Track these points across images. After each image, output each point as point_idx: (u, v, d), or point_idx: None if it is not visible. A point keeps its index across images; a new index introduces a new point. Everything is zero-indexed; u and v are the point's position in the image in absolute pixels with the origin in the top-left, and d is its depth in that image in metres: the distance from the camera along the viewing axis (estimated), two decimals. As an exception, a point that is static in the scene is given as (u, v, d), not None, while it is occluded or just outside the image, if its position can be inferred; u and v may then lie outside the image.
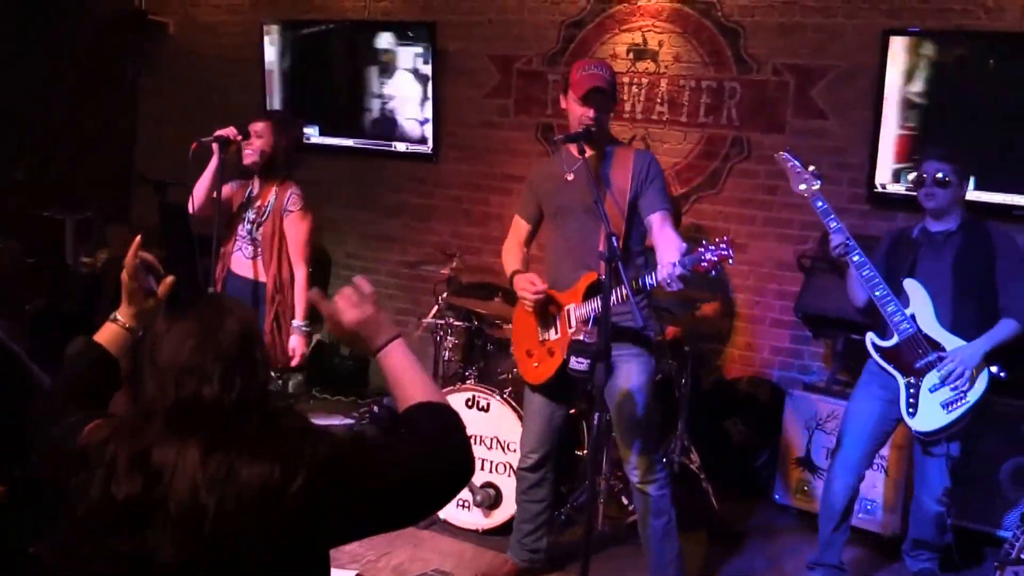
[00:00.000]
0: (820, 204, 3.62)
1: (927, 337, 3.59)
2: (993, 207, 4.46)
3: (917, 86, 4.61)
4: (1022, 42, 4.38)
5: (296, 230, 4.09)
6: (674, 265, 3.09)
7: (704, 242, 3.09)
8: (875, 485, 4.40)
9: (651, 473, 3.51)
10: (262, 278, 4.12)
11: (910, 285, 3.66)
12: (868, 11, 4.77)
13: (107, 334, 2.00)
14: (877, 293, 3.60)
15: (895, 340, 3.63)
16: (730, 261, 3.07)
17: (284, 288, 4.10)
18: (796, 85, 4.97)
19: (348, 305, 1.85)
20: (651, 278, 3.18)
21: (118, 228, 6.40)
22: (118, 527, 1.56)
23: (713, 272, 3.09)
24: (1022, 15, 4.45)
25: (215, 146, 4.00)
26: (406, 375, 1.85)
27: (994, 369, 3.52)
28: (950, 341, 3.57)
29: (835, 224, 3.60)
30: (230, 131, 4.02)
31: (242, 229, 4.14)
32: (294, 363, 4.13)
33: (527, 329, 3.68)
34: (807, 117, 4.96)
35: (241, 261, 4.16)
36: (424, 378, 1.87)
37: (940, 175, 3.60)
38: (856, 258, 3.59)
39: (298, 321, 4.08)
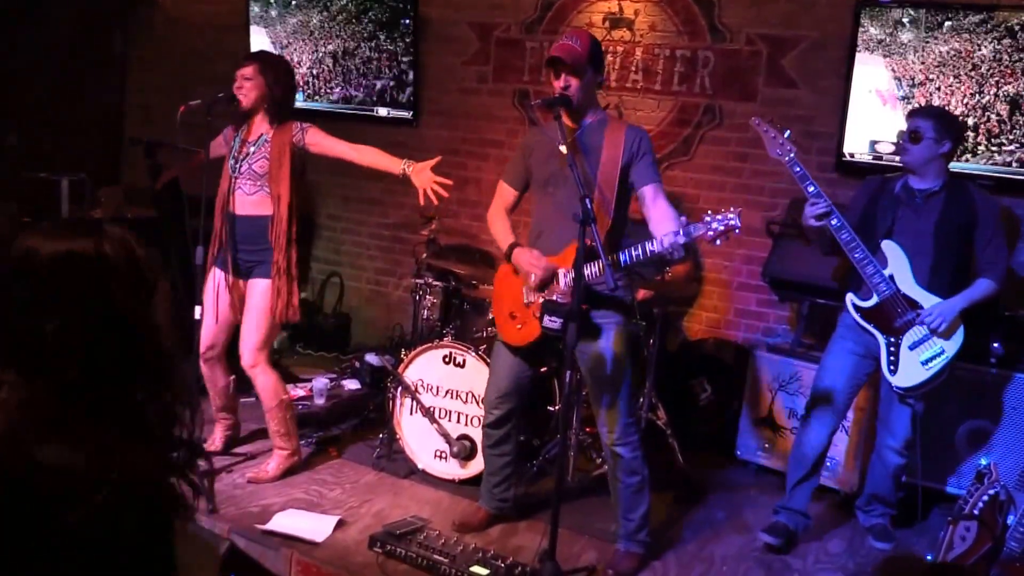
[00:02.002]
0: (798, 169, 3.47)
1: (906, 297, 3.52)
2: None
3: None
4: (992, 13, 4.24)
5: (323, 135, 3.95)
6: (676, 234, 3.01)
7: (710, 212, 3.02)
8: (836, 444, 4.32)
9: (625, 436, 3.42)
10: (265, 212, 3.90)
11: (888, 247, 3.56)
12: (840, -18, 4.60)
13: None
14: (856, 255, 3.50)
15: (875, 300, 3.55)
16: (736, 231, 2.98)
17: (285, 220, 3.88)
18: (768, 54, 4.81)
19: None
20: (639, 250, 3.11)
21: (110, 189, 6.24)
22: None
23: (718, 242, 3.01)
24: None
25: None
26: None
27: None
28: (928, 299, 3.51)
29: (813, 189, 3.47)
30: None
31: (236, 168, 3.90)
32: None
33: (511, 291, 3.53)
34: (778, 86, 4.81)
35: (244, 200, 3.91)
36: None
37: (914, 130, 3.49)
38: (835, 222, 3.46)
39: None
